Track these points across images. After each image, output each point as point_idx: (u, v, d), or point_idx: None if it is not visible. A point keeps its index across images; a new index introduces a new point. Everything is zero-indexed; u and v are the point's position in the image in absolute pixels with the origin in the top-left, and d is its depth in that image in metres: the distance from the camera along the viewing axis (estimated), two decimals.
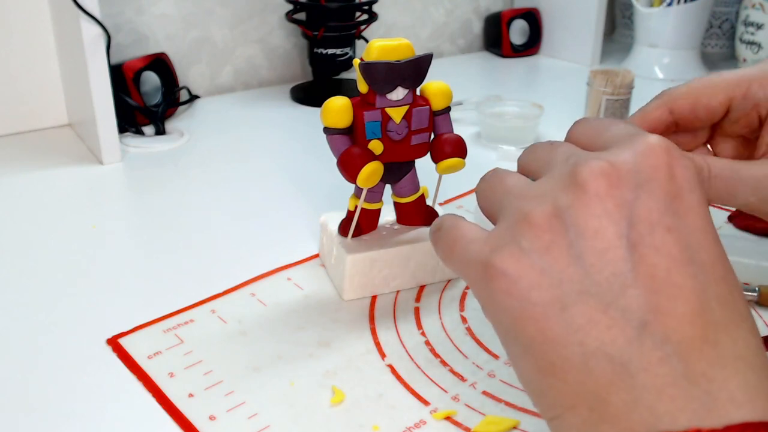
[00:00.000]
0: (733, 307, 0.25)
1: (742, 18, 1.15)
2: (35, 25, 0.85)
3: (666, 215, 0.26)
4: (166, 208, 0.68)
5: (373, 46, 0.46)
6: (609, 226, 0.26)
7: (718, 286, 0.25)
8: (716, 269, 0.26)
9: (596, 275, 0.25)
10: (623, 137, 0.28)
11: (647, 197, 0.26)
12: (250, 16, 1.03)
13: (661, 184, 0.26)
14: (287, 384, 0.44)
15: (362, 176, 0.47)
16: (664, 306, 0.24)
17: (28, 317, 0.51)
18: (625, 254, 0.25)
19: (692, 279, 0.25)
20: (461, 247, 0.29)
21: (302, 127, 0.91)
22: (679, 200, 0.26)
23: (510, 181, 0.30)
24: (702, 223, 0.26)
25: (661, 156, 0.27)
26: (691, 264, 0.25)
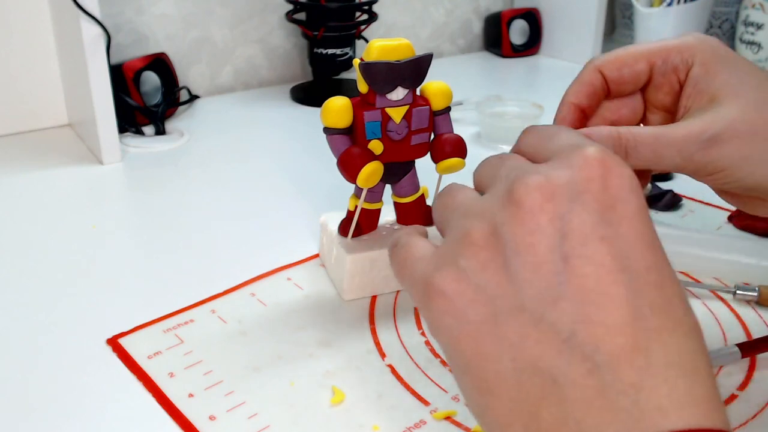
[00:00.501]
0: (669, 313, 0.25)
1: (742, 18, 1.15)
2: (35, 25, 0.84)
3: (599, 226, 0.26)
4: (166, 208, 0.68)
5: (373, 46, 0.46)
6: (542, 241, 0.26)
7: (652, 292, 0.25)
8: (651, 276, 0.25)
9: (529, 290, 0.26)
10: (563, 149, 0.29)
11: (580, 209, 0.26)
12: (250, 16, 1.03)
13: (594, 196, 0.26)
14: (287, 384, 0.44)
15: (362, 176, 0.47)
16: (593, 316, 0.25)
17: (28, 317, 0.51)
18: (557, 267, 0.25)
19: (624, 287, 0.25)
20: (409, 266, 0.30)
21: (302, 127, 0.91)
22: (612, 210, 0.26)
23: (458, 198, 0.31)
24: (637, 231, 0.26)
25: (595, 168, 0.27)
26: (623, 272, 0.25)
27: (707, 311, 0.52)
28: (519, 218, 0.27)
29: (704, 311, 0.52)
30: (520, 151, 0.32)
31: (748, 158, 0.35)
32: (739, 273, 0.55)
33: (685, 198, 0.70)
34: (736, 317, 0.52)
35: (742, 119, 0.35)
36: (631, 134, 0.36)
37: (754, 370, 0.46)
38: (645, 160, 0.36)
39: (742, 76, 0.36)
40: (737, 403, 0.43)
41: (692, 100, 0.37)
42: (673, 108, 0.40)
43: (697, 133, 0.35)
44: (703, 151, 0.35)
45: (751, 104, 0.35)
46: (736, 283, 0.54)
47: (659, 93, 0.40)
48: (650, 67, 0.39)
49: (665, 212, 0.67)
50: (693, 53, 0.38)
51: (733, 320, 0.51)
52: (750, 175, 0.35)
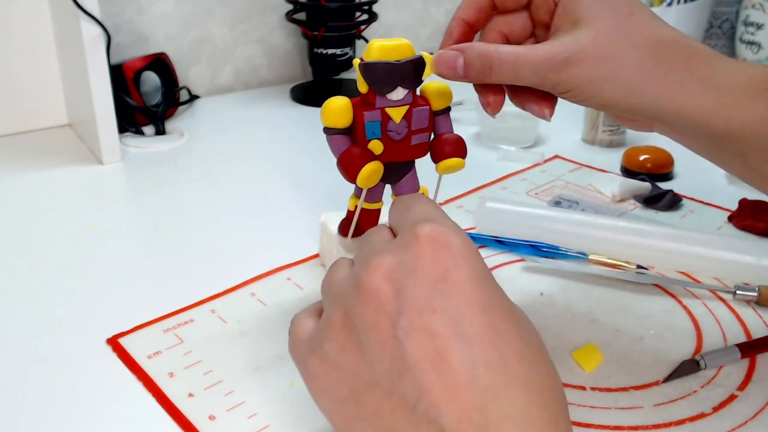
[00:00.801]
0: (503, 370, 0.27)
1: (742, 18, 1.15)
2: (35, 25, 0.85)
3: (432, 298, 0.28)
4: (166, 208, 0.68)
5: (373, 46, 0.46)
6: (384, 319, 0.29)
7: (486, 353, 0.27)
8: (483, 338, 0.27)
9: (379, 366, 0.28)
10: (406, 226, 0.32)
11: (413, 284, 0.29)
12: (250, 16, 1.03)
13: (426, 271, 0.29)
14: (287, 384, 0.44)
15: (362, 176, 0.47)
16: (433, 384, 0.27)
17: (28, 317, 0.51)
18: (399, 342, 0.28)
19: (459, 353, 0.27)
20: (295, 347, 0.33)
21: (302, 127, 0.91)
22: (444, 281, 0.29)
23: (332, 277, 0.34)
24: (468, 297, 0.28)
25: (425, 244, 0.30)
26: (457, 339, 0.27)
27: (707, 311, 0.52)
28: (363, 299, 0.29)
29: (704, 311, 0.52)
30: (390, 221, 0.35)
31: (594, 81, 0.37)
32: (739, 273, 0.55)
33: (685, 198, 0.70)
34: (736, 317, 0.52)
35: (593, 44, 0.37)
36: (497, 52, 0.38)
37: (753, 370, 0.46)
38: (506, 76, 0.39)
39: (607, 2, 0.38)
40: (737, 403, 0.43)
41: (560, 21, 0.40)
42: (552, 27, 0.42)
43: (552, 55, 0.37)
44: (554, 72, 0.37)
45: (605, 30, 0.37)
46: (736, 283, 0.54)
47: (540, 11, 0.42)
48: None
49: (665, 212, 0.68)
50: None
51: (733, 320, 0.51)
52: (596, 95, 0.38)
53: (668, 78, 0.37)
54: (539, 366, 0.28)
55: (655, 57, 0.37)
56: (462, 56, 0.39)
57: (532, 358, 0.28)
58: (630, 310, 0.52)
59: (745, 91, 0.37)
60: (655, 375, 0.45)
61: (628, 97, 0.38)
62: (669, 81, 0.37)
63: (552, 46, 0.38)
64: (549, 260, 0.57)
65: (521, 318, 0.30)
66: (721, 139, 0.39)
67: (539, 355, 0.29)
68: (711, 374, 0.45)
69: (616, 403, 0.43)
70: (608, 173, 0.77)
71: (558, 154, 0.82)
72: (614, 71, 0.37)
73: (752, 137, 0.38)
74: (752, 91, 0.37)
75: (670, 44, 0.38)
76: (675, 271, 0.57)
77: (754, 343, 0.47)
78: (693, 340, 0.49)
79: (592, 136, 0.85)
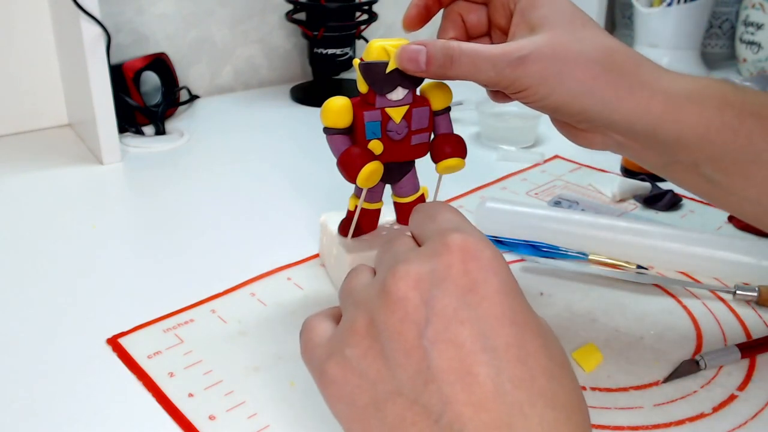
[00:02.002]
0: (530, 386, 0.27)
1: (742, 18, 1.15)
2: (35, 25, 0.85)
3: (460, 309, 0.28)
4: (166, 208, 0.68)
5: (373, 46, 0.46)
6: (410, 327, 0.28)
7: (513, 368, 0.27)
8: (511, 352, 0.27)
9: (403, 375, 0.28)
10: (433, 234, 0.31)
11: (442, 295, 0.28)
12: (250, 16, 1.03)
13: (455, 281, 0.29)
14: (287, 384, 0.44)
15: (362, 176, 0.47)
16: (458, 396, 0.26)
17: (28, 317, 0.51)
18: (425, 352, 0.27)
19: (486, 366, 0.27)
20: (309, 351, 0.33)
21: (302, 127, 0.91)
22: (473, 292, 0.28)
23: (353, 283, 0.33)
24: (496, 310, 0.28)
25: (455, 254, 0.29)
26: (484, 351, 0.27)
27: (707, 311, 0.52)
28: (389, 307, 0.29)
29: (704, 311, 0.52)
30: (411, 229, 0.35)
31: (548, 78, 0.39)
32: (739, 273, 0.55)
33: (685, 198, 0.70)
34: (736, 317, 0.52)
35: (548, 45, 0.39)
36: (458, 47, 0.40)
37: (753, 370, 0.46)
38: (465, 71, 0.40)
39: (559, 11, 0.41)
40: (737, 403, 0.43)
41: (517, 28, 0.42)
42: (506, 29, 0.45)
43: (510, 52, 0.39)
44: (512, 67, 0.39)
45: (560, 36, 0.40)
46: (736, 283, 0.54)
47: (497, 14, 0.45)
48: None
49: (665, 212, 0.68)
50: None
51: (733, 320, 0.51)
52: (549, 95, 0.39)
53: (618, 82, 0.39)
54: (565, 382, 0.28)
55: (606, 62, 0.39)
56: (425, 50, 0.40)
57: (558, 375, 0.28)
58: (630, 310, 0.52)
59: (691, 97, 0.39)
60: (655, 375, 0.45)
61: (579, 98, 0.39)
62: (619, 85, 0.39)
63: (509, 45, 0.40)
64: (549, 260, 0.57)
65: (548, 333, 0.29)
66: (672, 146, 0.40)
67: (565, 371, 0.28)
68: (711, 374, 0.45)
69: (616, 403, 0.43)
70: (608, 173, 0.77)
71: (558, 154, 0.82)
72: (566, 71, 0.38)
73: (702, 143, 0.39)
74: (698, 98, 0.39)
75: (619, 53, 0.40)
76: (675, 271, 0.57)
77: (754, 343, 0.47)
78: (693, 340, 0.49)
79: None
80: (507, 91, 0.41)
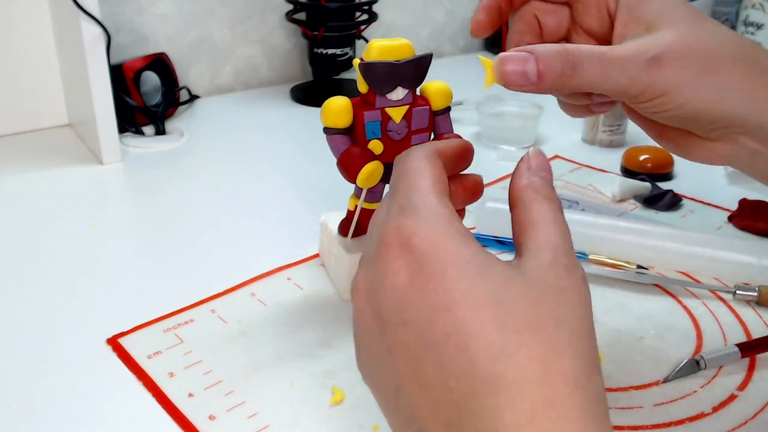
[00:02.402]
0: (471, 378, 0.25)
1: (742, 18, 1.15)
2: (35, 25, 0.84)
3: (402, 310, 0.27)
4: (166, 208, 0.68)
5: (373, 46, 0.46)
6: (374, 338, 0.28)
7: (455, 362, 0.25)
8: (449, 343, 0.25)
9: (381, 385, 0.28)
10: (375, 228, 0.30)
11: (383, 300, 0.27)
12: (250, 16, 1.03)
13: (392, 281, 0.27)
14: (287, 384, 0.44)
15: (362, 176, 0.47)
16: (418, 401, 0.26)
17: (29, 317, 0.51)
18: (390, 361, 0.27)
19: (431, 365, 0.26)
20: None
21: (302, 127, 0.91)
22: (411, 287, 0.27)
23: None
24: (432, 299, 0.26)
25: (392, 250, 0.28)
26: (427, 350, 0.26)
27: (707, 311, 0.52)
28: (355, 320, 0.29)
29: (704, 311, 0.52)
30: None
31: (688, 82, 0.33)
32: (739, 273, 0.55)
33: (685, 198, 0.70)
34: (736, 317, 0.52)
35: (680, 43, 0.34)
36: (578, 50, 0.33)
37: (753, 370, 0.46)
38: (591, 79, 0.33)
39: (674, 5, 0.35)
40: (737, 403, 0.43)
41: (628, 28, 0.36)
42: (599, 34, 0.39)
43: (641, 52, 0.33)
44: (646, 71, 0.33)
45: (687, 32, 0.34)
46: (736, 283, 0.54)
47: (587, 14, 0.39)
48: None
49: (665, 212, 0.68)
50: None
51: (733, 320, 0.51)
52: (689, 100, 0.34)
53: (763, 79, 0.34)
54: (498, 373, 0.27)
55: (746, 58, 0.34)
56: (533, 58, 0.33)
57: (493, 363, 0.26)
58: (630, 310, 0.52)
59: None
60: (655, 375, 0.45)
61: (723, 101, 0.34)
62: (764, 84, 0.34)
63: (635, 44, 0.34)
64: None
65: (493, 305, 0.26)
66: None
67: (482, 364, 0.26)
68: (711, 374, 0.45)
69: (616, 403, 0.43)
70: (608, 173, 0.77)
71: (558, 154, 0.82)
72: (709, 69, 0.33)
73: None
74: None
75: (753, 48, 0.35)
76: (675, 271, 0.57)
77: (754, 343, 0.47)
78: (693, 340, 0.49)
79: (592, 136, 0.85)
80: (635, 101, 0.35)
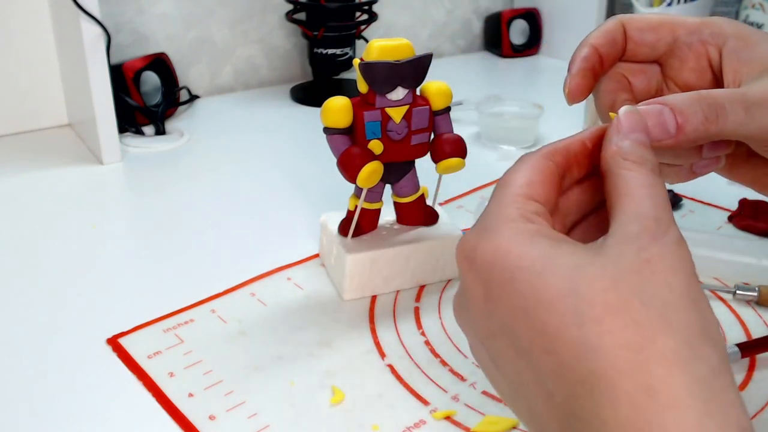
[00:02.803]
0: (564, 380, 0.24)
1: (742, 18, 1.15)
2: (35, 25, 0.85)
3: (489, 322, 0.27)
4: (166, 208, 0.68)
5: (373, 46, 0.46)
6: (480, 353, 0.29)
7: (543, 363, 0.25)
8: (536, 347, 0.25)
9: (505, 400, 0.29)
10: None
11: (472, 317, 0.28)
12: (250, 16, 1.03)
13: (473, 297, 0.28)
14: (287, 384, 0.44)
15: (362, 176, 0.47)
16: (531, 405, 0.26)
17: (28, 317, 0.51)
18: (498, 372, 0.28)
19: (527, 372, 0.26)
20: None
21: (302, 127, 0.91)
22: (489, 301, 0.27)
23: None
24: (508, 311, 0.26)
25: (463, 266, 0.28)
26: (519, 357, 0.26)
27: None
28: (466, 335, 0.30)
29: None
30: None
31: None
32: (739, 273, 0.55)
33: (685, 198, 0.70)
34: (735, 317, 0.52)
35: None
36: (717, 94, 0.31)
37: (753, 370, 0.46)
38: (735, 122, 0.31)
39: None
40: None
41: (740, 73, 0.34)
42: (698, 87, 0.36)
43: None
44: None
45: None
46: (736, 283, 0.54)
47: (684, 68, 0.37)
48: (674, 37, 0.37)
49: None
50: (721, 28, 0.36)
51: (733, 320, 0.51)
52: None
53: None
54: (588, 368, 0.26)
55: None
56: (668, 110, 0.30)
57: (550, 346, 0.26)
58: None
59: None
60: None
61: None
62: None
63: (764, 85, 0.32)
64: None
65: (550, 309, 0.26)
66: None
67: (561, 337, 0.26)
68: None
69: None
70: None
71: None
72: None
73: None
74: None
75: None
76: None
77: (754, 343, 0.47)
78: None
79: None
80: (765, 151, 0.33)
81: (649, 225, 0.25)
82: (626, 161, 0.28)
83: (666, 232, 0.25)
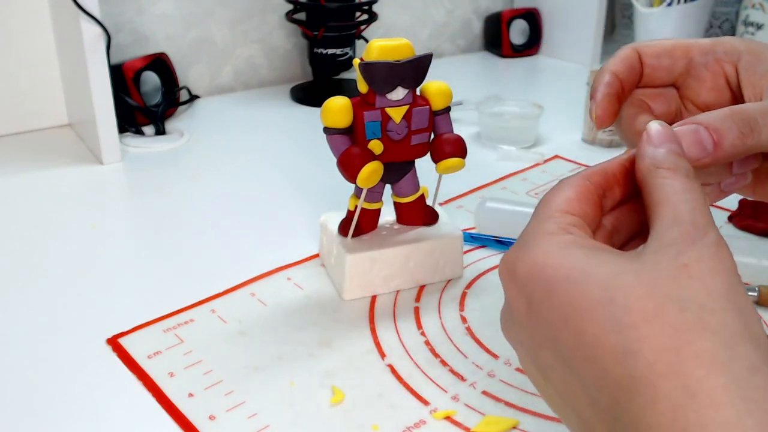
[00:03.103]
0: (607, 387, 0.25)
1: (742, 18, 1.15)
2: (35, 25, 0.84)
3: (534, 333, 0.27)
4: (166, 208, 0.68)
5: (373, 46, 0.46)
6: (529, 365, 0.29)
7: (589, 375, 0.25)
8: (576, 356, 0.26)
9: (556, 410, 0.29)
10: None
11: (518, 330, 0.29)
12: (250, 16, 1.03)
13: (517, 309, 0.28)
14: (287, 384, 0.44)
15: (362, 176, 0.47)
16: (580, 415, 0.26)
17: (29, 317, 0.51)
18: (547, 383, 0.28)
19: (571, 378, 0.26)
20: None
21: (302, 127, 0.91)
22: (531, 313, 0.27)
23: None
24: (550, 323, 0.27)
25: (505, 280, 0.29)
26: (563, 365, 0.26)
27: None
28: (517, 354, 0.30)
29: None
30: None
31: None
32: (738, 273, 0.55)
33: None
34: None
35: None
36: (748, 109, 0.31)
37: None
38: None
39: None
40: None
41: (761, 86, 0.34)
42: (717, 106, 0.36)
43: None
44: None
45: None
46: None
47: (701, 88, 0.37)
48: (688, 59, 0.37)
49: None
50: (733, 45, 0.36)
51: None
52: None
53: None
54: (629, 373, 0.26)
55: None
56: (702, 128, 0.30)
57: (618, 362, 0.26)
58: None
59: None
60: None
61: None
62: None
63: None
64: None
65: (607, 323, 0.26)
66: None
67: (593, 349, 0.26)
68: None
69: None
70: None
71: (558, 154, 0.82)
72: None
73: None
74: None
75: None
76: None
77: None
78: None
79: (592, 137, 0.85)
80: None
81: (686, 230, 0.26)
82: (660, 170, 0.29)
83: (704, 235, 0.26)
